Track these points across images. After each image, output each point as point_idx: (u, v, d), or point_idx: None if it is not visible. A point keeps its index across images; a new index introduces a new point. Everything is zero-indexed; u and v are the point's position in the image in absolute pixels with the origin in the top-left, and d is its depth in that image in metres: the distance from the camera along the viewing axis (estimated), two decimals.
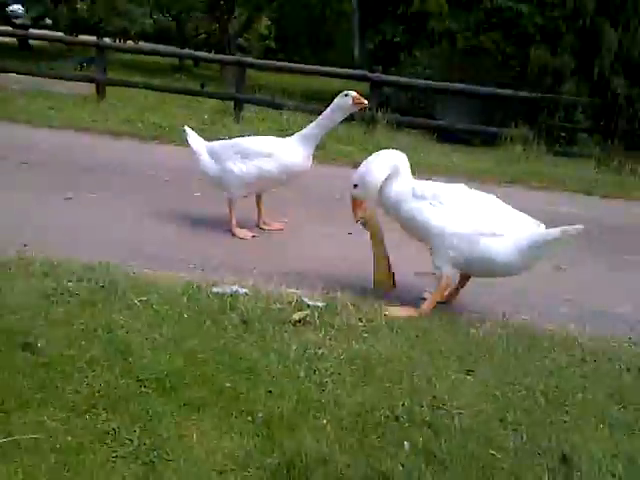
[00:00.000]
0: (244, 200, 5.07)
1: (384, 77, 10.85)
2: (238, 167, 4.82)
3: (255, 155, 4.80)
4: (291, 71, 12.97)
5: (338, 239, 5.01)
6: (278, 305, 3.39)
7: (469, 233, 3.53)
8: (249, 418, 2.31)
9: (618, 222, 6.86)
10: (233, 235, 4.90)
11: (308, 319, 3.25)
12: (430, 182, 3.91)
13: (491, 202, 3.72)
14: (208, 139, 5.34)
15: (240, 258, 4.38)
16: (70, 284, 3.39)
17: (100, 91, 11.58)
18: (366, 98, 4.78)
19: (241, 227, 5.00)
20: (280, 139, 4.96)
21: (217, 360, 2.70)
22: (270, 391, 2.50)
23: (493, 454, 2.22)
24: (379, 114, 10.02)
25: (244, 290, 3.54)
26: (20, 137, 8.02)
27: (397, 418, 2.41)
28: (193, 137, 5.16)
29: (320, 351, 2.91)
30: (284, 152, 4.76)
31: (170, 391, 2.42)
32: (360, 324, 3.31)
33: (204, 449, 2.10)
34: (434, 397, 2.61)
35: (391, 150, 3.92)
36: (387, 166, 3.77)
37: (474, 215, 3.59)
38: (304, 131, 4.81)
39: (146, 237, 4.64)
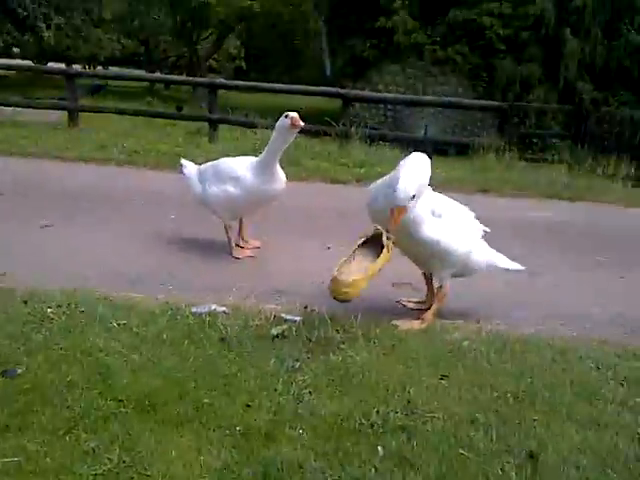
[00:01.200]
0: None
1: (354, 92, 11.02)
2: (212, 190, 4.84)
3: (225, 178, 4.75)
4: (263, 90, 13.12)
5: (316, 254, 5.09)
6: (257, 321, 3.45)
7: (469, 250, 3.79)
8: (227, 432, 2.37)
9: (588, 224, 7.04)
10: (234, 257, 4.92)
11: (286, 334, 3.32)
12: (437, 197, 3.78)
13: (467, 214, 3.92)
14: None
15: (218, 277, 4.44)
16: (49, 310, 3.43)
17: (72, 118, 11.61)
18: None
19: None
20: (252, 160, 4.84)
21: (196, 378, 2.76)
22: (248, 405, 2.56)
23: (463, 454, 2.30)
24: (352, 129, 10.17)
25: (222, 308, 3.60)
26: None
27: (372, 425, 2.49)
28: (189, 166, 5.20)
29: (298, 364, 2.98)
30: (248, 176, 4.65)
31: (149, 410, 2.47)
32: (337, 336, 3.39)
33: (182, 464, 2.16)
34: (408, 402, 2.69)
35: (420, 154, 3.51)
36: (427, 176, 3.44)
37: (467, 230, 3.82)
38: (260, 157, 4.70)
39: (124, 261, 4.68)
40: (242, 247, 5.14)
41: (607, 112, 13.23)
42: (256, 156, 4.86)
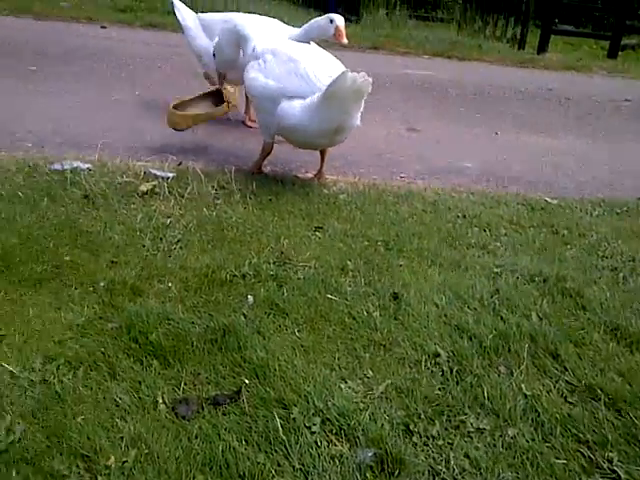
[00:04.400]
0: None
1: None
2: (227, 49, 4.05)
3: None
4: None
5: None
6: (125, 178, 3.25)
7: (273, 95, 3.32)
8: (90, 289, 2.26)
9: (471, 83, 7.14)
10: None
11: (157, 190, 3.16)
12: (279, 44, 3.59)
13: (309, 57, 3.36)
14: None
15: (83, 133, 4.09)
16: None
17: None
18: None
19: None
20: (273, 24, 4.09)
21: (56, 236, 2.58)
22: (113, 261, 2.45)
23: (330, 298, 2.37)
24: None
25: (87, 165, 3.35)
26: None
27: (244, 276, 2.48)
28: (183, 10, 4.55)
29: (168, 220, 2.87)
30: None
31: (3, 269, 2.30)
32: (213, 192, 3.28)
33: (41, 322, 2.05)
34: (281, 254, 2.69)
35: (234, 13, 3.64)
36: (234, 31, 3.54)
37: (284, 75, 3.30)
38: (293, 35, 3.94)
39: None
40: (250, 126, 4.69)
41: None
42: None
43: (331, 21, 3.91)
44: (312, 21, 3.89)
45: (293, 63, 3.31)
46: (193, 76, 5.51)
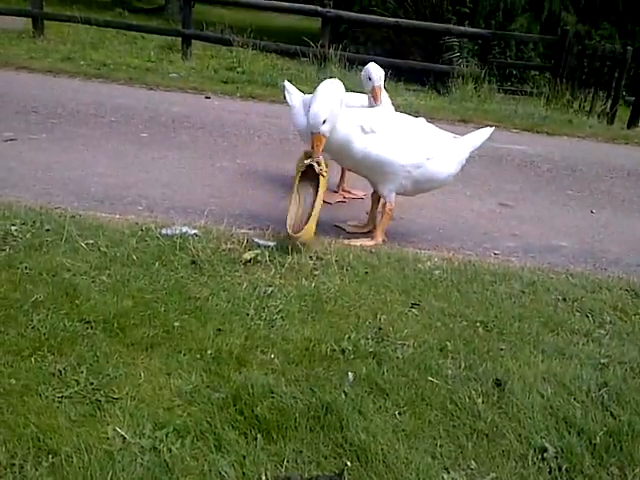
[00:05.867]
0: None
1: (335, 12, 10.56)
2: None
3: None
4: (238, 5, 12.48)
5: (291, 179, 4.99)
6: (229, 245, 3.39)
7: (414, 163, 3.71)
8: (198, 356, 2.35)
9: (563, 158, 7.04)
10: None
11: (259, 258, 3.27)
12: (371, 113, 3.79)
13: (421, 126, 3.86)
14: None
15: (190, 200, 4.33)
16: (13, 228, 3.30)
17: (37, 26, 10.96)
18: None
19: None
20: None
21: (166, 300, 2.71)
22: (219, 329, 2.54)
23: (432, 381, 2.33)
24: (331, 51, 9.82)
25: (194, 231, 3.53)
26: None
27: (343, 351, 2.50)
28: (293, 92, 4.64)
29: (270, 289, 2.95)
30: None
31: (117, 332, 2.43)
32: (311, 262, 3.35)
33: (152, 387, 2.14)
34: (379, 329, 2.70)
35: (331, 80, 3.65)
36: (340, 99, 3.55)
37: (415, 142, 3.73)
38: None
39: (92, 179, 4.52)
40: (335, 192, 4.79)
41: (589, 46, 13.01)
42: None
43: (369, 78, 4.11)
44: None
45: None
46: (291, 144, 5.77)
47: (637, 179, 6.60)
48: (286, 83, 4.81)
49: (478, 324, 2.87)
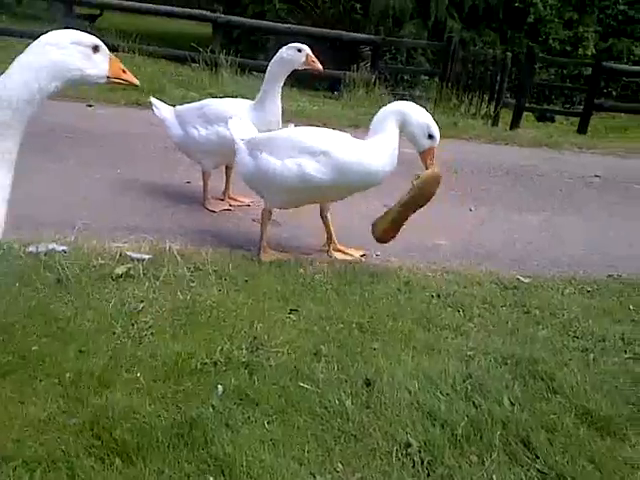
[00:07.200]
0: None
1: (225, 18, 10.48)
2: (201, 133, 4.30)
3: (217, 120, 4.22)
4: (124, 10, 12.11)
5: (177, 186, 4.88)
6: (100, 261, 3.26)
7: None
8: (56, 380, 2.23)
9: (447, 160, 7.33)
10: (206, 209, 4.50)
11: (131, 272, 3.17)
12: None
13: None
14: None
15: (61, 213, 4.11)
16: None
17: None
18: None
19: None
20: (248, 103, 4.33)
21: (24, 323, 2.56)
22: (81, 350, 2.42)
23: (302, 386, 2.34)
24: (221, 57, 9.73)
25: (62, 247, 3.36)
26: None
27: (215, 363, 2.45)
28: (161, 107, 4.64)
29: (141, 305, 2.86)
30: (249, 115, 4.14)
31: None
32: (188, 274, 3.28)
33: (3, 418, 2.01)
34: (254, 339, 2.68)
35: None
36: None
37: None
38: (258, 96, 4.25)
39: None
40: (221, 199, 4.68)
41: (473, 52, 13.70)
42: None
43: (299, 50, 4.09)
44: (276, 58, 4.15)
45: None
46: (176, 153, 5.64)
47: (515, 177, 7.00)
48: (152, 99, 4.79)
49: (354, 325, 2.92)
